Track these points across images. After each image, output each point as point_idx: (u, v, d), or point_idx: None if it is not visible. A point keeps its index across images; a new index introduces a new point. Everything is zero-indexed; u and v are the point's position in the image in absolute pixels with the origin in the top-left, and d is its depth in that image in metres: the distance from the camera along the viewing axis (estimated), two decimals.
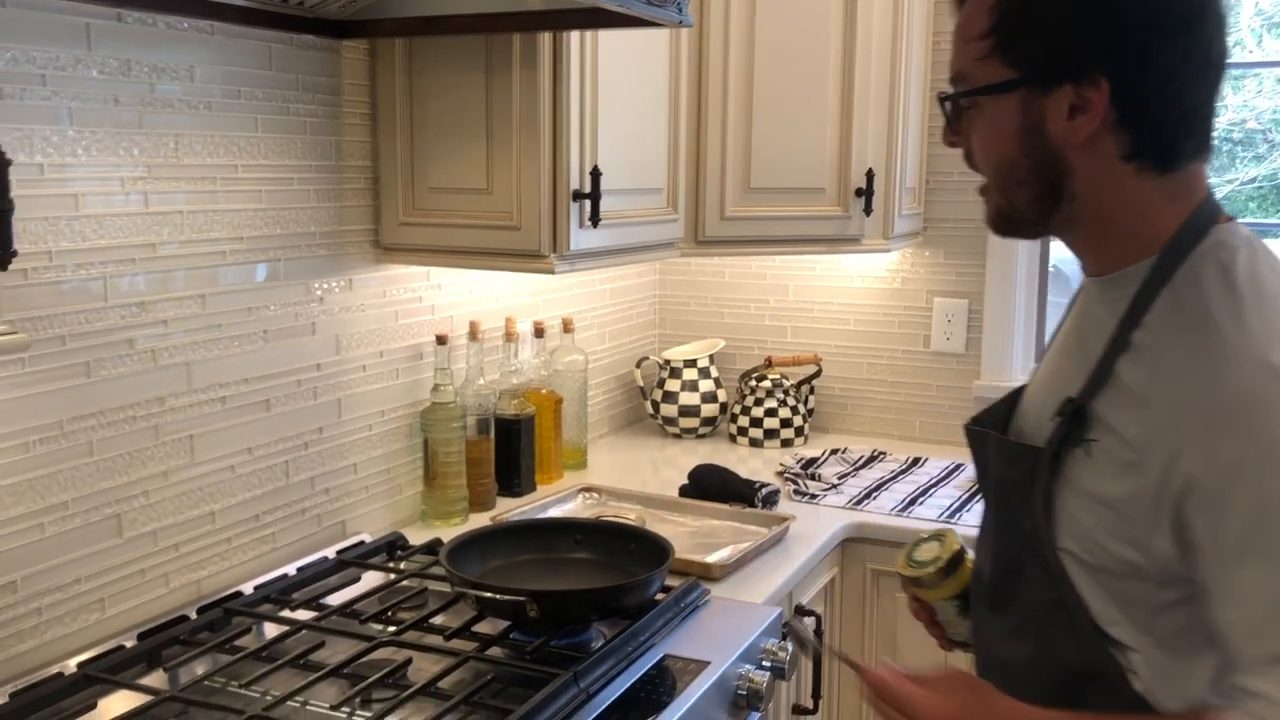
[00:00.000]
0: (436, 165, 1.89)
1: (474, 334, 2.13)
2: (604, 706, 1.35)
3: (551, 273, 1.83)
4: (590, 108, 1.86)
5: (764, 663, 1.58)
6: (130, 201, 1.50)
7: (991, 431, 1.18)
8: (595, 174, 1.84)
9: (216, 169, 1.62)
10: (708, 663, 1.48)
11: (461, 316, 2.17)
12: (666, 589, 1.64)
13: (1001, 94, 1.04)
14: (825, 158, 2.34)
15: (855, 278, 2.79)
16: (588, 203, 1.84)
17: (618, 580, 1.58)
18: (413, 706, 1.33)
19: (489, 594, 1.46)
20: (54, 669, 1.39)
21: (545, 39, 1.77)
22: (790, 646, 1.61)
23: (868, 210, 2.35)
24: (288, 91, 1.74)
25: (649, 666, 1.46)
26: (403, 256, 1.95)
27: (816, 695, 1.93)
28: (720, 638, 1.56)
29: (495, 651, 1.46)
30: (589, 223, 1.85)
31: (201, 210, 1.61)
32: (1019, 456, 1.12)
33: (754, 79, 2.27)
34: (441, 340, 2.04)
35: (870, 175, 2.34)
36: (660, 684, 1.42)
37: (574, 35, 1.79)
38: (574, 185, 1.83)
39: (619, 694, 1.38)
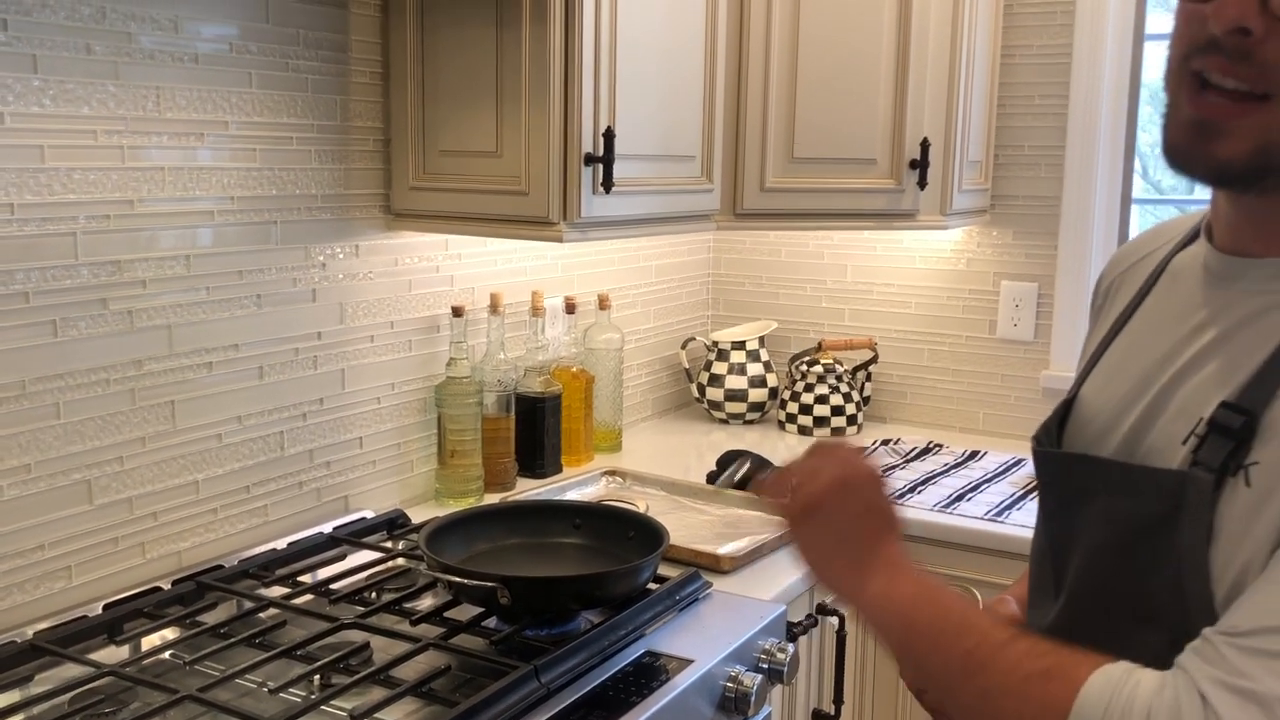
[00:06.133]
0: (447, 127, 1.80)
1: (495, 307, 2.04)
2: (566, 703, 1.24)
3: (560, 241, 1.73)
4: (607, 67, 1.75)
5: (761, 664, 1.46)
6: (104, 155, 1.44)
7: (1106, 458, 0.93)
8: (608, 136, 1.73)
9: (204, 125, 1.56)
10: (691, 661, 1.36)
11: (484, 289, 2.08)
12: (661, 579, 1.52)
13: None
14: (877, 126, 2.18)
15: (917, 258, 2.62)
16: (600, 167, 1.73)
17: (607, 568, 1.48)
18: (361, 691, 1.24)
19: (458, 579, 1.36)
20: (9, 637, 1.34)
21: None
22: (791, 648, 1.48)
23: (922, 183, 2.19)
24: (288, 47, 1.67)
25: (626, 662, 1.35)
26: (413, 223, 1.87)
27: (839, 700, 1.79)
28: (714, 635, 1.44)
29: (462, 640, 1.36)
30: (601, 189, 1.74)
31: (186, 167, 1.54)
32: (1157, 486, 0.86)
33: (799, 40, 2.12)
34: (458, 312, 1.96)
35: (925, 145, 2.17)
36: (635, 682, 1.31)
37: None
38: (586, 148, 1.72)
39: (586, 690, 1.27)
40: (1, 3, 1.31)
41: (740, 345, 2.62)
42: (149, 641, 1.39)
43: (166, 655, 1.36)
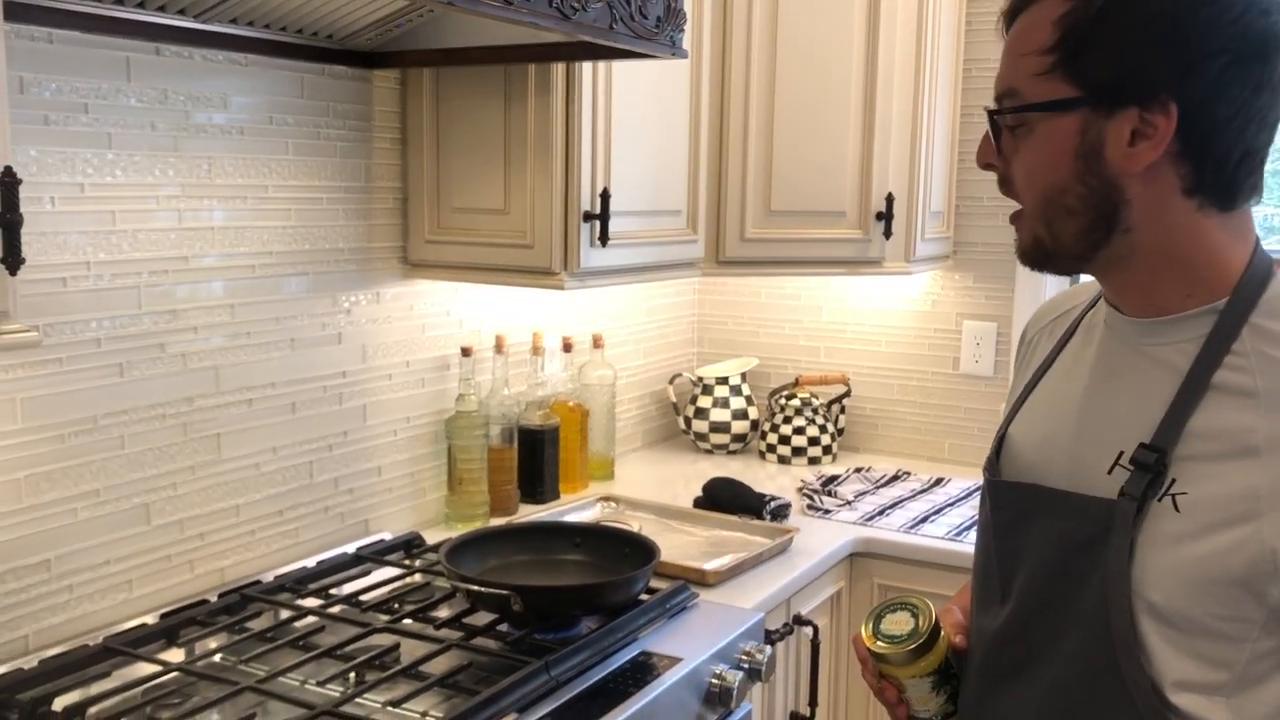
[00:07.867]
0: (460, 187, 2.01)
1: (499, 347, 2.25)
2: (572, 694, 1.44)
3: (562, 289, 1.94)
4: (603, 133, 1.96)
5: (741, 664, 1.65)
6: (164, 218, 1.64)
7: (1050, 487, 1.10)
8: (605, 196, 1.94)
9: (248, 189, 1.77)
10: (680, 659, 1.55)
11: (489, 330, 2.28)
12: (653, 591, 1.72)
13: (1060, 113, 0.99)
14: (846, 182, 2.40)
15: (887, 299, 2.84)
16: (598, 223, 1.94)
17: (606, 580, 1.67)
18: (393, 684, 1.43)
19: (476, 588, 1.56)
20: (81, 641, 1.53)
21: (558, 69, 1.88)
22: (769, 650, 1.67)
23: (887, 234, 2.41)
24: (319, 118, 1.88)
25: (624, 660, 1.54)
26: (428, 272, 2.07)
27: (813, 703, 1.99)
28: (700, 637, 1.64)
29: (480, 641, 1.56)
30: (598, 242, 1.95)
31: (233, 227, 1.75)
32: (1091, 512, 1.04)
33: (775, 105, 2.34)
34: (466, 352, 2.16)
35: (890, 199, 2.39)
36: (632, 677, 1.50)
37: (586, 65, 1.90)
38: (585, 207, 1.93)
39: (589, 684, 1.47)
40: (86, 90, 1.52)
41: (724, 380, 2.83)
42: (202, 645, 1.58)
43: (217, 658, 1.54)
